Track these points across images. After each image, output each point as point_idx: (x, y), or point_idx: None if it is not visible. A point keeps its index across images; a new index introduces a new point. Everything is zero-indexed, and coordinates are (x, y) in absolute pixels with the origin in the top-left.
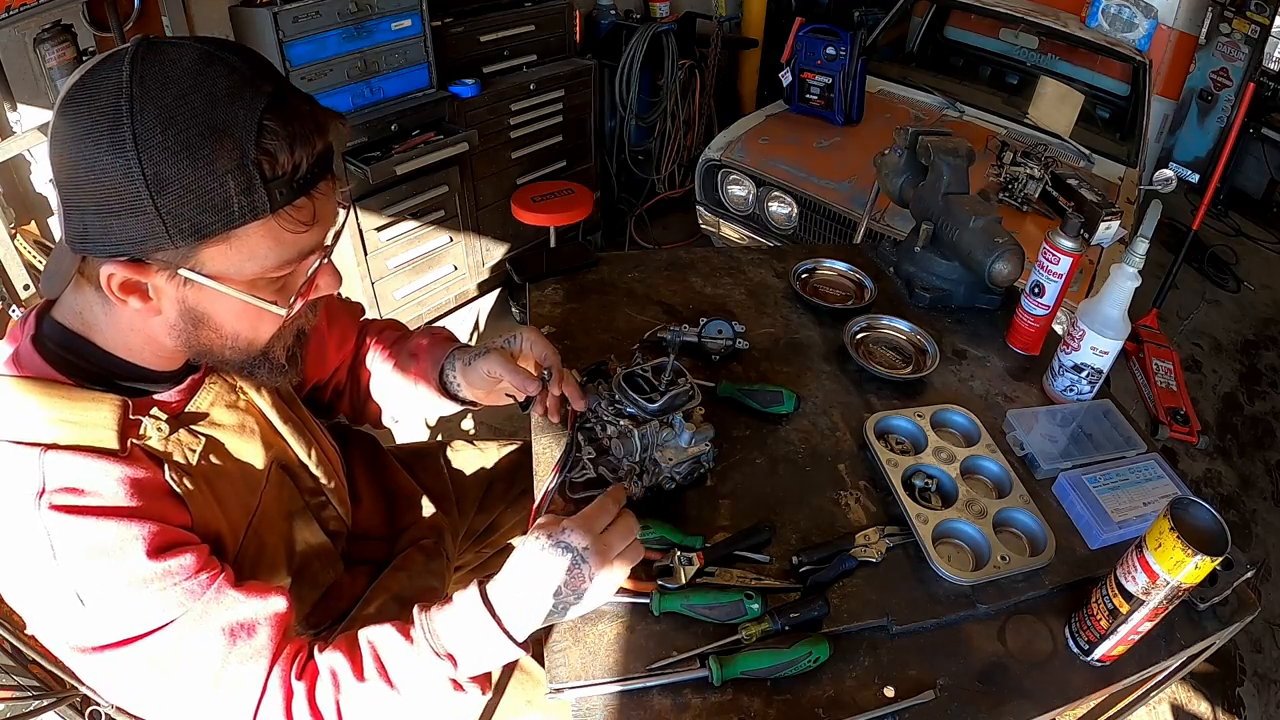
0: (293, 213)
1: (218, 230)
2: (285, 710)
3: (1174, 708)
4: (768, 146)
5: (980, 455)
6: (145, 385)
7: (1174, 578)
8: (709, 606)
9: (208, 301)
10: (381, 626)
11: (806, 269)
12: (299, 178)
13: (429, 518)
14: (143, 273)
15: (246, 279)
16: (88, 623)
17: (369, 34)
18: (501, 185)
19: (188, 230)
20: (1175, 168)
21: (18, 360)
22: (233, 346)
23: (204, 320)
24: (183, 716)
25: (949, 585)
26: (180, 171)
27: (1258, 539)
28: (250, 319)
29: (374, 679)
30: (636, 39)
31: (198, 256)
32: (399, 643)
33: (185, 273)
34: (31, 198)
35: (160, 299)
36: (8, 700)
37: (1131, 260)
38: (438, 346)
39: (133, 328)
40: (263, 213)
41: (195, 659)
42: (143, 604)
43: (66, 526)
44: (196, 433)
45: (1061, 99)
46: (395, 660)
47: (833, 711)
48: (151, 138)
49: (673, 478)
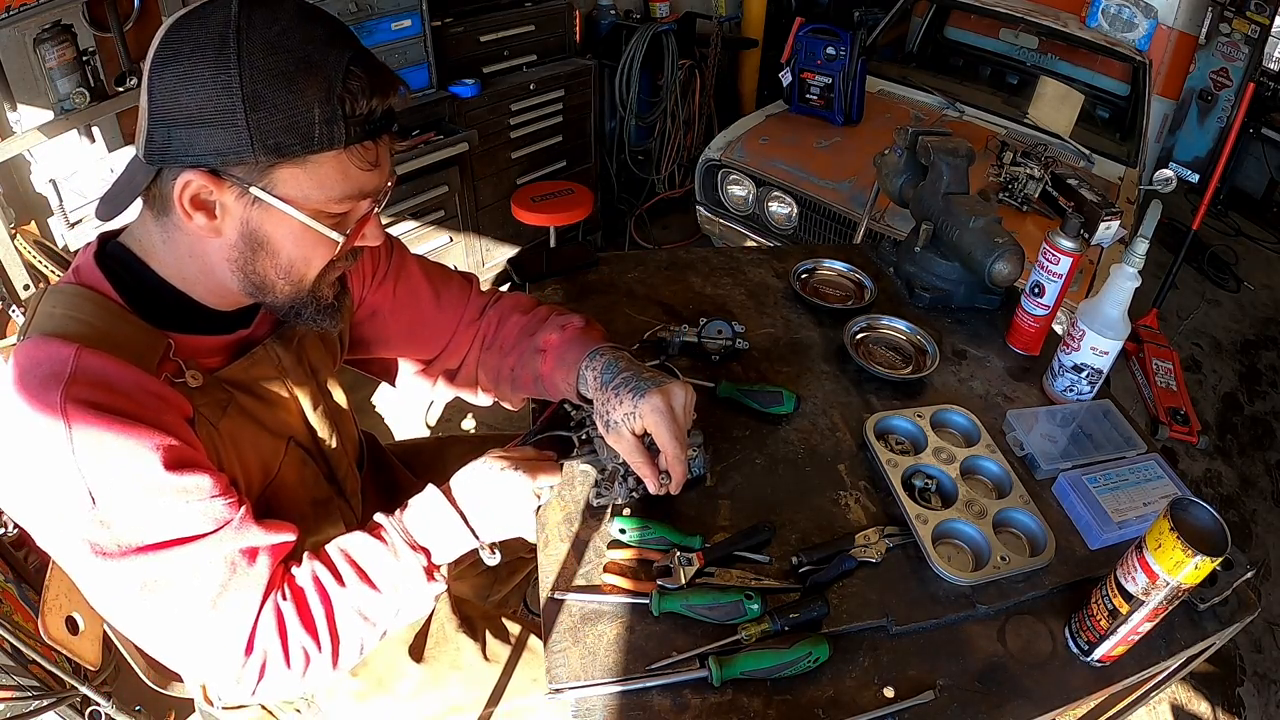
0: (361, 152)
1: (297, 152)
2: (280, 634)
3: (1174, 708)
4: (768, 146)
5: (980, 455)
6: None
7: (1174, 578)
8: (709, 607)
9: (271, 224)
10: (349, 535)
11: (806, 269)
12: (372, 121)
13: None
14: (217, 186)
15: (311, 207)
16: (95, 524)
17: (369, 34)
18: (501, 185)
19: (271, 147)
20: (1175, 168)
21: (78, 271)
22: (285, 277)
23: (263, 244)
24: (170, 640)
25: (949, 585)
26: (274, 93)
27: (1258, 539)
28: (306, 247)
29: (354, 583)
30: (636, 39)
31: (272, 176)
32: (373, 545)
33: (257, 190)
34: (31, 198)
35: (225, 219)
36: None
37: (1131, 260)
38: (569, 349)
39: (191, 253)
40: (339, 143)
41: (195, 584)
42: (154, 514)
43: (88, 420)
44: (228, 390)
45: (1061, 99)
46: (372, 561)
47: (832, 712)
48: (255, 60)
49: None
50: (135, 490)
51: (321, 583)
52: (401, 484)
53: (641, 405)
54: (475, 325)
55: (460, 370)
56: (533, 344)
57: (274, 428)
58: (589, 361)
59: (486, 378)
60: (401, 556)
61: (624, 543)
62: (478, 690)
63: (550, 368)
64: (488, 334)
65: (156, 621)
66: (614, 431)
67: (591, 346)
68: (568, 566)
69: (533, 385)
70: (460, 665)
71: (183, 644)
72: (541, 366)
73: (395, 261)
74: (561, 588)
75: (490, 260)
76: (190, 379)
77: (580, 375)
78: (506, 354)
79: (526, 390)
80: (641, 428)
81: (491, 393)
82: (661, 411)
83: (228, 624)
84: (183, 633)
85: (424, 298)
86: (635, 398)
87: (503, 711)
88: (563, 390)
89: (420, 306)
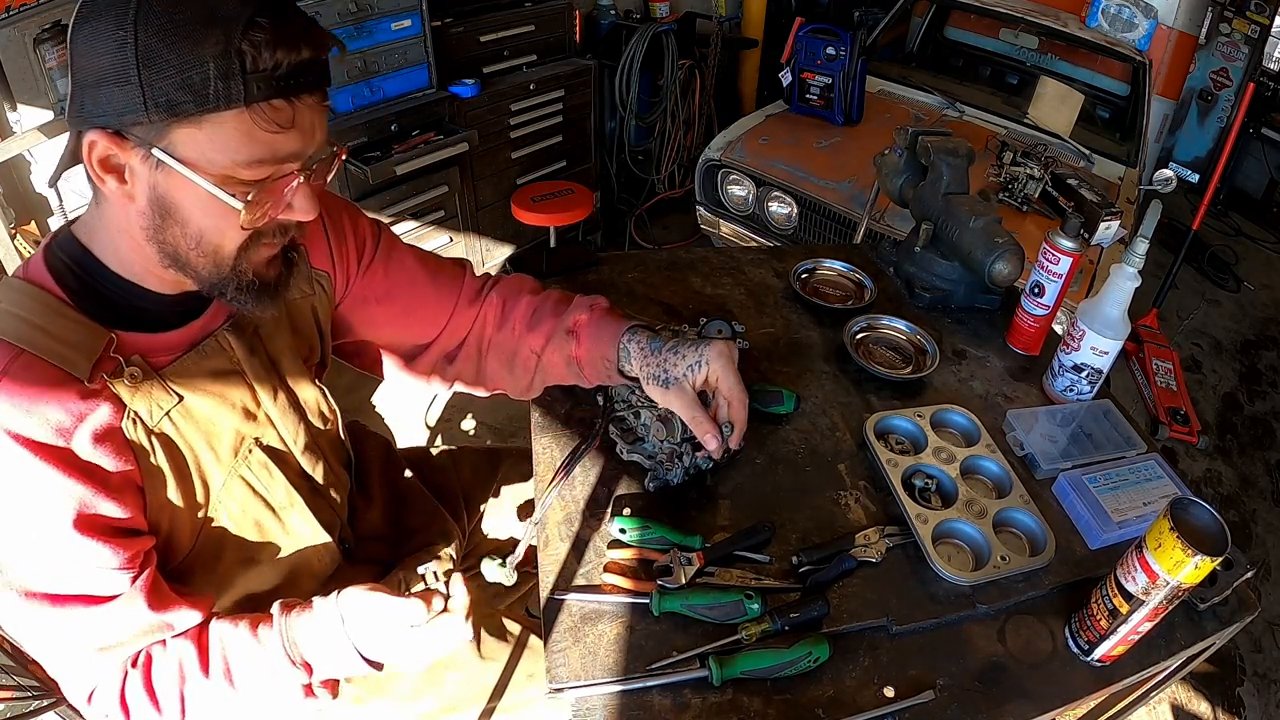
0: (268, 110)
1: (190, 111)
2: (119, 696)
3: (1174, 708)
4: (768, 146)
5: (980, 455)
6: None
7: (1174, 578)
8: (709, 606)
9: (176, 190)
10: (234, 625)
11: (806, 269)
12: (279, 76)
13: (438, 523)
14: (120, 148)
15: (216, 171)
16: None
17: (369, 34)
18: (501, 185)
19: (163, 105)
20: (1175, 168)
21: (27, 266)
22: (197, 249)
23: (171, 211)
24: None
25: (949, 585)
26: (168, 48)
27: (1258, 539)
28: (215, 216)
29: (217, 677)
30: (636, 39)
31: (170, 137)
32: (248, 644)
33: (157, 152)
34: (31, 198)
35: (135, 183)
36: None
37: (1131, 260)
38: (601, 324)
39: (119, 228)
40: (237, 102)
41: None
42: (44, 566)
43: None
44: (173, 392)
45: (1061, 99)
46: (241, 661)
47: (832, 711)
48: (152, 15)
49: (710, 458)
50: (32, 532)
51: (184, 663)
52: (411, 489)
53: (707, 352)
54: (475, 305)
55: (460, 353)
56: (561, 326)
57: (228, 424)
58: (631, 335)
59: (499, 362)
60: (275, 664)
61: (624, 542)
62: (476, 689)
63: (585, 348)
64: (494, 314)
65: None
66: (675, 388)
67: (626, 324)
68: (568, 566)
69: (564, 369)
70: (457, 665)
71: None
72: (575, 349)
73: (384, 246)
74: (561, 587)
75: (490, 260)
76: (128, 376)
77: (622, 348)
78: (525, 335)
79: (555, 376)
80: (703, 378)
81: (501, 382)
82: (726, 357)
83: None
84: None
85: (419, 279)
86: (697, 349)
87: (502, 710)
88: (600, 369)
89: (415, 288)
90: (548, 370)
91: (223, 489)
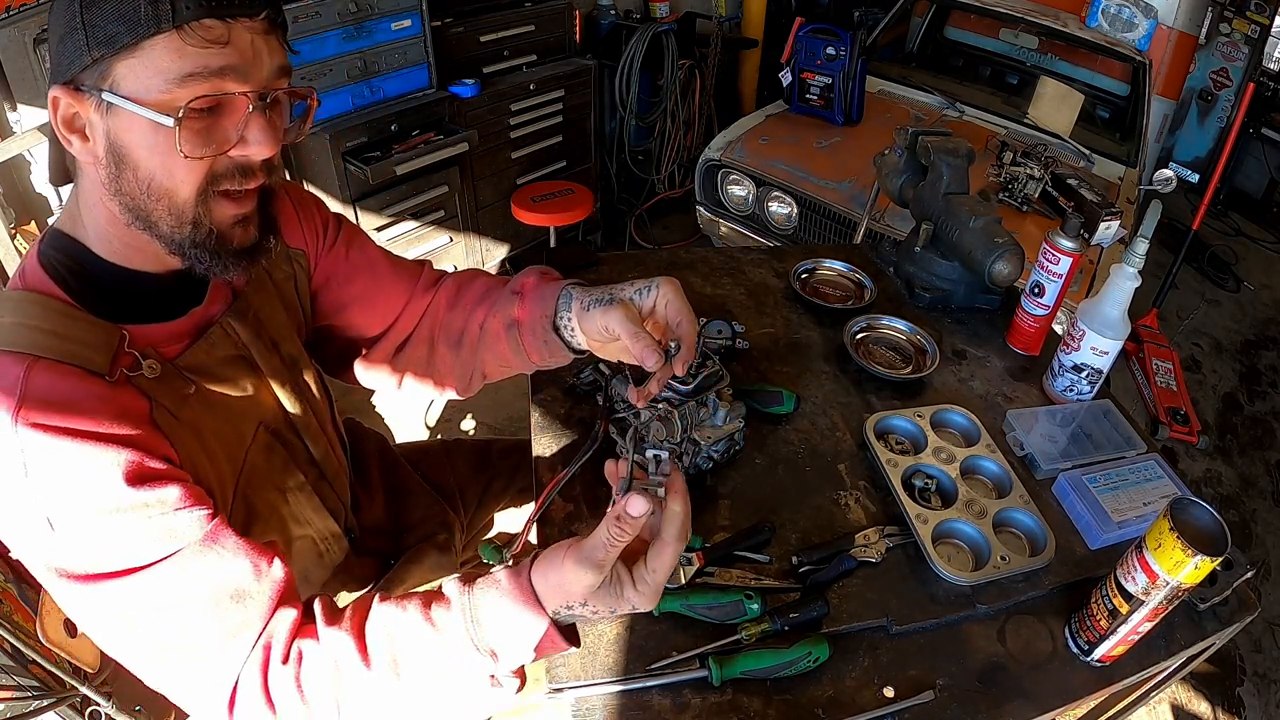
0: (199, 29)
1: (125, 40)
2: (263, 689)
3: (1174, 708)
4: (768, 146)
5: (980, 455)
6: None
7: (1174, 578)
8: (709, 606)
9: (125, 130)
10: (400, 608)
11: (806, 269)
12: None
13: (438, 514)
14: (77, 101)
15: (152, 99)
16: (58, 549)
17: (369, 34)
18: (501, 185)
19: (102, 40)
20: (1175, 168)
21: (23, 274)
22: (150, 195)
23: (124, 157)
24: (151, 671)
25: (949, 585)
26: None
27: (1258, 539)
28: (159, 153)
29: (381, 669)
30: (636, 39)
31: (113, 75)
32: (419, 629)
33: (106, 95)
34: (31, 198)
35: (94, 137)
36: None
37: (1131, 260)
38: (548, 284)
39: (95, 197)
40: (166, 23)
41: (174, 617)
42: (117, 536)
43: (40, 444)
44: (189, 379)
45: (1061, 99)
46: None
47: (832, 711)
48: None
49: (710, 456)
50: (92, 512)
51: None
52: (409, 483)
53: (657, 279)
54: (430, 292)
55: (411, 340)
56: (508, 289)
57: (241, 410)
58: (575, 286)
59: (447, 345)
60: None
61: None
62: None
63: (528, 307)
64: (447, 297)
65: (132, 654)
66: (619, 303)
67: (578, 281)
68: None
69: (505, 338)
70: None
71: (163, 682)
72: (518, 310)
73: (346, 231)
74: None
75: (490, 260)
76: (147, 370)
77: (564, 293)
78: (474, 310)
79: (495, 352)
80: (652, 302)
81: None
82: (677, 286)
83: (207, 676)
84: (158, 671)
85: (379, 265)
86: (646, 280)
87: (502, 712)
88: (539, 329)
89: (375, 273)
90: (490, 343)
91: (241, 476)
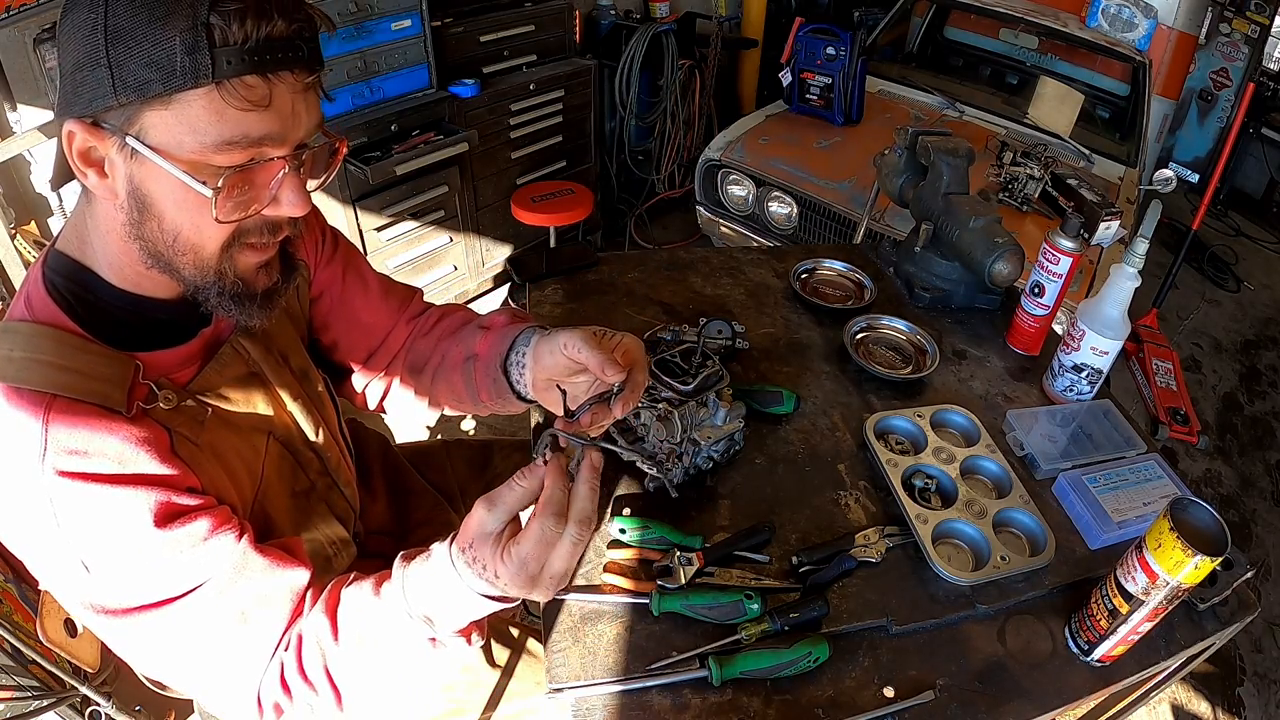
0: (240, 88)
1: (158, 90)
2: (280, 681)
3: (1174, 708)
4: (768, 146)
5: (980, 455)
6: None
7: (1174, 578)
8: (709, 606)
9: (150, 180)
10: (359, 586)
11: (806, 269)
12: (250, 49)
13: (440, 515)
14: (96, 137)
15: (186, 157)
16: (94, 589)
17: (369, 34)
18: (501, 185)
19: (132, 85)
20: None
21: (30, 303)
22: (176, 248)
23: (148, 205)
24: (191, 684)
25: (949, 585)
26: (135, 25)
27: (1258, 539)
28: (188, 211)
29: (349, 643)
30: (636, 39)
31: (142, 122)
32: (370, 603)
33: (131, 140)
34: (31, 198)
35: (114, 176)
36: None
37: (1131, 260)
38: (514, 325)
39: (106, 227)
40: (205, 78)
41: (206, 632)
42: (151, 573)
43: (69, 492)
44: (204, 403)
45: (1061, 99)
46: (366, 622)
47: (832, 711)
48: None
49: (710, 456)
50: (127, 554)
51: (320, 639)
52: (412, 485)
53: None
54: (414, 321)
55: (386, 363)
56: (476, 323)
57: (254, 426)
58: (536, 328)
59: (410, 369)
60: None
61: (624, 543)
62: (479, 692)
63: (490, 341)
64: (427, 325)
65: (171, 671)
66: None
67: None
68: None
69: (460, 366)
70: (467, 666)
71: (196, 690)
72: (479, 343)
73: (343, 248)
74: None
75: (490, 260)
76: (163, 401)
77: (520, 338)
78: (444, 337)
79: (449, 377)
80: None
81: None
82: (640, 345)
83: (237, 678)
84: (197, 682)
85: (372, 287)
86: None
87: (503, 714)
88: (491, 365)
89: (368, 294)
90: (445, 373)
91: (258, 490)
